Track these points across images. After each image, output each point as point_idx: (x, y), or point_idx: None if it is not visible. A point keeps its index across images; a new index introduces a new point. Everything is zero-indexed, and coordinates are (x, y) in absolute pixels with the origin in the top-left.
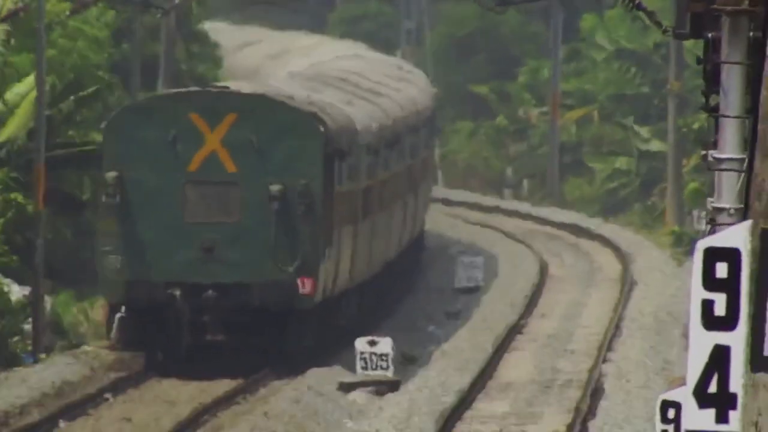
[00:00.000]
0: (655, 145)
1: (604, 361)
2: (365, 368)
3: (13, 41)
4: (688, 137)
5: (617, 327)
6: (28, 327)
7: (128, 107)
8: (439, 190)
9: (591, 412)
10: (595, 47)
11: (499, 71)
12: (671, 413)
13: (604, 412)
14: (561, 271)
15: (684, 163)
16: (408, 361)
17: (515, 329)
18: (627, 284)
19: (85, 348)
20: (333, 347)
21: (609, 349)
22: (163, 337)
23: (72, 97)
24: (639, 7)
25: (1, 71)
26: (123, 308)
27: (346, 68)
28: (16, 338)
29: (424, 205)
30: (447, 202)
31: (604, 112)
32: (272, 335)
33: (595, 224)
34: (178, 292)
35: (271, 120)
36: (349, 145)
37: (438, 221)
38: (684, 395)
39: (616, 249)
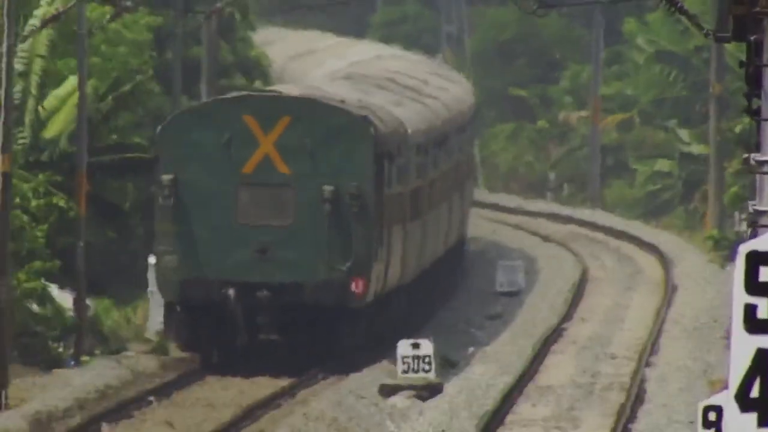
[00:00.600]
0: (697, 148)
1: (646, 365)
2: (407, 371)
3: (56, 46)
4: (730, 140)
5: (659, 330)
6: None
7: (183, 111)
8: (480, 193)
9: (632, 416)
10: (636, 50)
11: (540, 75)
12: (713, 417)
13: (646, 415)
14: (602, 274)
15: (726, 166)
16: (449, 365)
17: (556, 332)
18: (668, 287)
19: (126, 353)
20: (377, 348)
21: (651, 352)
22: (218, 335)
23: (110, 97)
24: (681, 10)
25: (44, 76)
26: (178, 307)
27: (389, 68)
28: (60, 342)
29: (467, 207)
30: (488, 206)
31: (645, 116)
32: (324, 334)
33: (636, 227)
34: (232, 291)
35: (324, 123)
36: (398, 147)
37: (478, 225)
38: (726, 399)
39: (657, 252)
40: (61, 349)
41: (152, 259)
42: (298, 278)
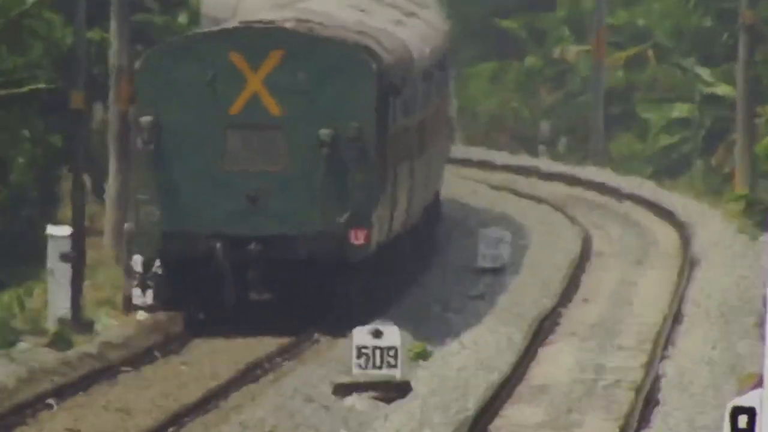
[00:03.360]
0: (722, 90)
1: (661, 357)
2: (366, 366)
3: None
4: (763, 80)
5: (676, 315)
6: None
7: (162, 46)
8: (458, 149)
9: (644, 421)
10: None
11: (530, 1)
12: (743, 422)
13: (661, 420)
14: (607, 246)
15: (758, 112)
16: (419, 358)
17: (551, 318)
18: (687, 262)
19: (21, 345)
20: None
21: (667, 342)
22: (202, 294)
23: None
24: None
25: None
26: (158, 263)
27: None
28: None
29: (443, 158)
30: (467, 163)
31: (659, 52)
32: (321, 291)
33: (648, 188)
34: (219, 245)
35: (320, 58)
36: (404, 77)
37: (456, 186)
38: (759, 399)
39: (673, 219)
40: None
41: (51, 229)
42: (292, 230)
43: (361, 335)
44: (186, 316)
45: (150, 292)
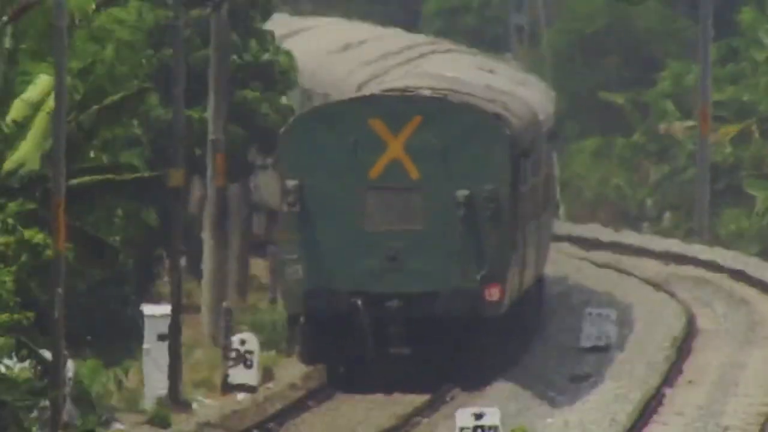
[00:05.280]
0: None
1: None
2: None
3: (23, 45)
4: None
5: None
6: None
7: (306, 113)
8: (561, 225)
9: None
10: (756, 46)
11: (635, 77)
12: None
13: None
14: (713, 325)
15: None
16: None
17: (656, 398)
18: None
19: (118, 427)
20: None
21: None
22: (346, 349)
23: (95, 107)
24: None
25: (7, 82)
26: (302, 319)
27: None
28: (33, 414)
29: (547, 237)
30: (571, 239)
31: (765, 127)
32: (458, 346)
33: (754, 266)
34: (360, 302)
35: (455, 123)
36: (533, 139)
37: (560, 263)
38: None
39: None
40: (33, 423)
41: (147, 309)
42: (429, 287)
43: (464, 417)
44: (329, 370)
45: (254, 371)
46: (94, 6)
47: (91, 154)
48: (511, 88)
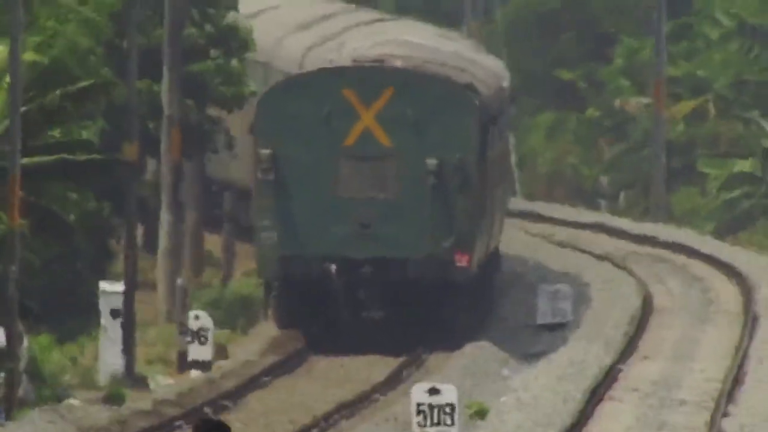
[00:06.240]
0: None
1: (724, 415)
2: (423, 424)
3: None
4: None
5: (739, 372)
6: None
7: (280, 84)
8: (517, 202)
9: None
10: (710, 22)
11: (589, 53)
12: None
13: None
14: (668, 302)
15: None
16: (477, 417)
17: (611, 374)
18: (750, 318)
19: (71, 402)
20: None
21: (729, 399)
22: (320, 313)
23: (58, 92)
24: None
25: None
26: (276, 284)
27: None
28: None
29: (503, 212)
30: (526, 216)
31: (720, 104)
32: (429, 310)
33: (709, 244)
34: (333, 267)
35: (427, 94)
36: (499, 106)
37: (515, 240)
38: None
39: (736, 274)
40: None
41: (103, 285)
42: (401, 254)
43: (419, 392)
44: (304, 334)
45: (208, 347)
46: None
47: (49, 132)
48: (476, 56)
